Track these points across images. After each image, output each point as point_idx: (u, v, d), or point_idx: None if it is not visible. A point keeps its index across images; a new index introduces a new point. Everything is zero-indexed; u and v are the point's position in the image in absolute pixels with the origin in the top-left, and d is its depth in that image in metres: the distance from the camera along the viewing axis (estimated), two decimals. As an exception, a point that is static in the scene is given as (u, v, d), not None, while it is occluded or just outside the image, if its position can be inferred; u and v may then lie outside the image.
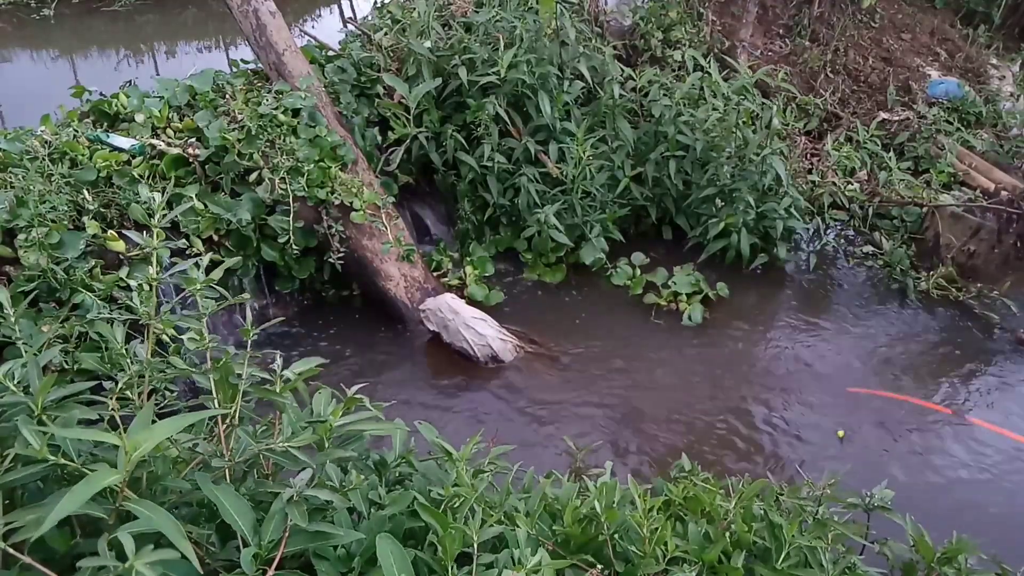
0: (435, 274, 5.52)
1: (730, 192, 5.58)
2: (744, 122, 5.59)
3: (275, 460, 1.55)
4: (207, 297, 1.67)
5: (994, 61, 8.29)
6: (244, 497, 1.43)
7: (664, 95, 5.78)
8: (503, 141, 5.58)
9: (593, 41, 6.00)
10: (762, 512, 1.88)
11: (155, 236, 1.68)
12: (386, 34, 5.90)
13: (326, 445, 1.57)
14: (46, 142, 4.34)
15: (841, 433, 4.40)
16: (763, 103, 5.78)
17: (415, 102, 5.38)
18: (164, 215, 1.70)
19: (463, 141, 5.53)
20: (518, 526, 1.67)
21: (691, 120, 5.67)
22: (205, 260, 1.73)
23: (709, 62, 5.99)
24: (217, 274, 1.69)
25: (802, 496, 2.00)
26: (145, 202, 1.68)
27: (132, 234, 1.76)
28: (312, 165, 4.77)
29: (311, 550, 1.44)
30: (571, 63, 5.71)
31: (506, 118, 5.49)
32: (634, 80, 5.96)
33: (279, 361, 1.62)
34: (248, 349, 1.64)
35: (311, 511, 1.43)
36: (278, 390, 1.61)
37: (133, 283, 1.72)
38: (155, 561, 1.17)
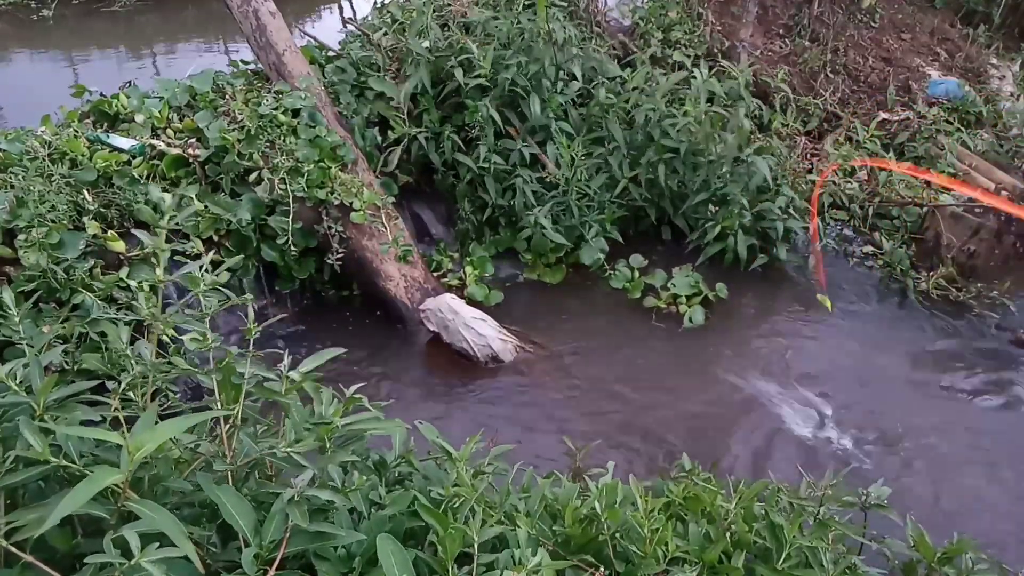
0: (435, 274, 5.52)
1: (722, 195, 5.57)
2: (717, 125, 5.54)
3: (277, 464, 1.55)
4: (210, 298, 1.68)
5: (994, 61, 8.28)
6: (246, 498, 1.43)
7: (647, 98, 5.71)
8: (500, 142, 5.57)
9: (592, 41, 5.99)
10: (763, 512, 1.88)
11: (162, 237, 1.68)
12: (385, 34, 5.90)
13: (328, 447, 1.57)
14: (46, 142, 4.34)
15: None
16: (758, 104, 5.75)
17: (405, 102, 5.39)
18: (172, 216, 1.70)
19: (460, 142, 5.53)
20: (518, 526, 1.67)
21: (677, 122, 5.63)
22: (206, 260, 1.73)
23: (700, 63, 5.95)
24: (224, 276, 1.69)
25: (803, 496, 2.00)
26: (154, 203, 1.68)
27: (140, 234, 1.76)
28: (312, 165, 4.77)
29: (312, 550, 1.44)
30: (566, 64, 5.70)
31: (499, 119, 5.48)
32: (628, 81, 5.94)
33: (286, 360, 1.62)
34: (250, 348, 1.64)
35: (312, 511, 1.43)
36: (283, 390, 1.61)
37: (133, 283, 1.73)
38: (159, 559, 1.17)
